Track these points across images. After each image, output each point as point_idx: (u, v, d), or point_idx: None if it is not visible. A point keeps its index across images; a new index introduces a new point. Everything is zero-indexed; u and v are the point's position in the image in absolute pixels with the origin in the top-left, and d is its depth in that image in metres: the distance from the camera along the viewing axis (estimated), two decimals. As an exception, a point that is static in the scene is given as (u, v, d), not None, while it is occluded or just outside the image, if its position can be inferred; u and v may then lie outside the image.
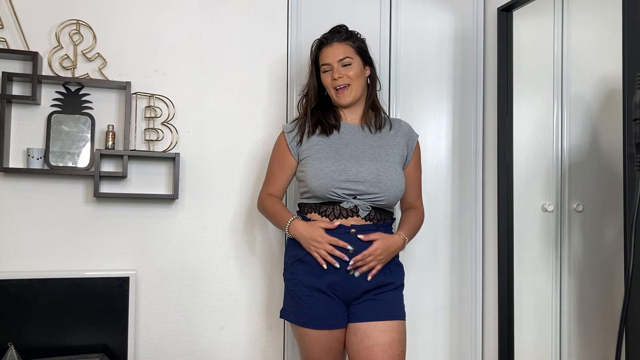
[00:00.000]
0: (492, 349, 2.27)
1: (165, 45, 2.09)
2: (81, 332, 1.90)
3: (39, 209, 1.95)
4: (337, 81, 1.68)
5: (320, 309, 1.60)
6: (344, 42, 1.70)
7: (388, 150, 1.71)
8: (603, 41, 2.02)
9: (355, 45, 1.72)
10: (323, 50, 1.72)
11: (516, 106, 2.22)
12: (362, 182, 1.63)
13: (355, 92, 1.70)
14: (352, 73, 1.69)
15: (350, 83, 1.69)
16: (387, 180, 1.64)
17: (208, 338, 2.11)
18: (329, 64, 1.70)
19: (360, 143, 1.71)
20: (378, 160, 1.67)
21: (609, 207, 2.00)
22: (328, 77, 1.71)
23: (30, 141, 1.94)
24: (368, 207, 1.64)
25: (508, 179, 2.21)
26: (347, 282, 1.60)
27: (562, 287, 2.10)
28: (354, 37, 1.74)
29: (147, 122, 2.06)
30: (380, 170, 1.65)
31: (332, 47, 1.70)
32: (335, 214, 1.64)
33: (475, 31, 2.36)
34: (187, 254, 2.09)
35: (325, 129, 1.72)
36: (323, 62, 1.71)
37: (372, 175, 1.63)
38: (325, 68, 1.71)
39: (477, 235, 2.33)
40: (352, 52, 1.70)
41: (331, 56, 1.69)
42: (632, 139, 1.27)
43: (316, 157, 1.68)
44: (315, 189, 1.64)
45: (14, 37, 1.93)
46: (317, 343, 1.62)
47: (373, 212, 1.65)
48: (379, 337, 1.57)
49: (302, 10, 2.19)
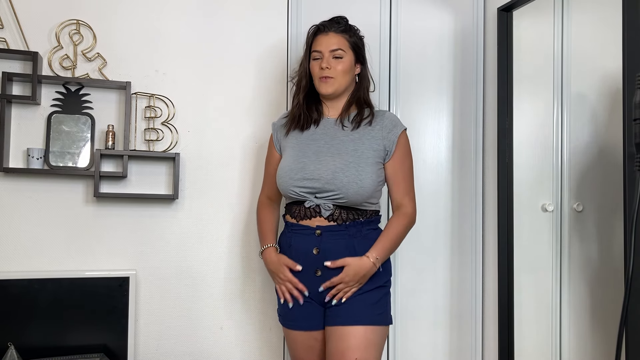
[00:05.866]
0: (492, 349, 2.27)
1: (165, 45, 2.09)
2: (81, 332, 1.90)
3: (39, 209, 1.95)
4: (324, 71, 1.64)
5: (294, 311, 1.64)
6: (341, 34, 1.67)
7: (358, 145, 1.63)
8: (603, 41, 2.02)
9: (351, 39, 1.68)
10: (318, 37, 1.68)
11: (516, 106, 2.22)
12: (318, 179, 1.59)
13: (338, 85, 1.66)
14: (341, 68, 1.65)
15: (335, 77, 1.65)
16: (343, 177, 1.57)
17: (208, 338, 2.11)
18: (320, 51, 1.66)
19: (330, 138, 1.66)
20: (342, 155, 1.61)
21: (608, 207, 1.99)
22: (317, 65, 1.67)
23: (30, 141, 1.94)
24: (330, 207, 1.59)
25: (508, 179, 2.21)
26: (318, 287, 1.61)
27: (562, 287, 2.10)
28: (352, 31, 1.70)
29: (147, 122, 2.06)
30: (338, 167, 1.58)
31: (328, 36, 1.66)
32: (300, 214, 1.63)
33: (475, 31, 2.36)
34: (187, 254, 2.09)
35: (301, 124, 1.69)
36: (315, 48, 1.67)
37: (328, 172, 1.58)
38: (316, 55, 1.67)
39: (477, 235, 2.33)
40: (347, 45, 1.67)
41: (324, 44, 1.65)
42: (632, 139, 1.27)
43: (285, 154, 1.70)
44: (279, 188, 1.68)
45: (14, 37, 1.93)
46: (297, 342, 1.69)
47: (337, 212, 1.60)
48: (337, 343, 1.55)
49: (302, 10, 2.19)
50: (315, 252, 1.60)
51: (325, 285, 1.58)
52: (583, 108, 2.10)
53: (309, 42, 1.71)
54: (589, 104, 2.08)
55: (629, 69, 1.57)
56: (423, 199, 2.29)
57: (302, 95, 1.71)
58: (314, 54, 1.68)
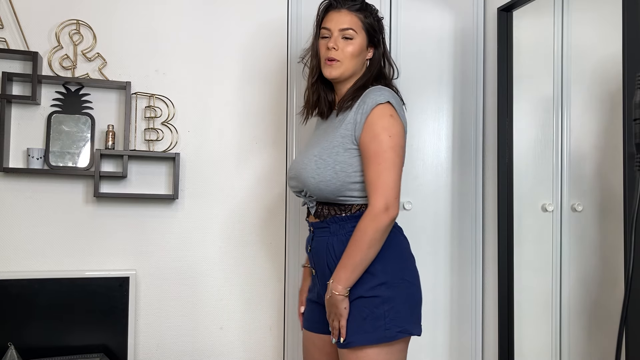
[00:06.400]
0: (492, 349, 2.27)
1: (165, 45, 2.09)
2: (81, 332, 1.90)
3: (39, 209, 1.95)
4: (330, 52, 1.47)
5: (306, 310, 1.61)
6: (355, 13, 1.48)
7: (330, 134, 1.47)
8: (603, 41, 2.02)
9: (366, 20, 1.49)
10: (329, 13, 1.51)
11: (516, 106, 2.22)
12: (294, 177, 1.51)
13: (344, 69, 1.48)
14: (350, 50, 1.46)
15: (342, 60, 1.46)
16: (304, 173, 1.44)
17: (208, 338, 2.11)
18: (329, 29, 1.49)
19: (323, 130, 1.55)
20: (313, 149, 1.49)
21: (609, 207, 1.99)
22: (323, 45, 1.50)
23: (30, 141, 1.94)
24: (312, 203, 1.49)
25: (508, 178, 2.21)
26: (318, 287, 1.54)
27: (562, 287, 2.10)
28: (369, 11, 1.51)
29: (147, 122, 2.06)
30: (303, 163, 1.47)
31: (340, 14, 1.48)
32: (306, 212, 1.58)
33: (475, 31, 2.36)
34: (187, 254, 2.09)
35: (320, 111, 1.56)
36: (324, 25, 1.50)
37: (298, 169, 1.48)
38: (325, 33, 1.50)
39: (477, 235, 2.33)
40: (359, 25, 1.48)
41: (334, 22, 1.48)
42: (632, 139, 1.27)
43: None
44: None
45: (14, 37, 1.93)
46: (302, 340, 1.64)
47: (320, 208, 1.47)
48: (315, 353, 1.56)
49: (302, 10, 2.19)
50: (309, 250, 1.54)
51: None
52: (583, 108, 2.10)
53: (320, 19, 1.53)
54: (588, 104, 2.08)
55: (629, 69, 1.57)
56: (423, 199, 2.29)
57: (315, 78, 1.55)
58: (322, 32, 1.51)
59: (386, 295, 1.36)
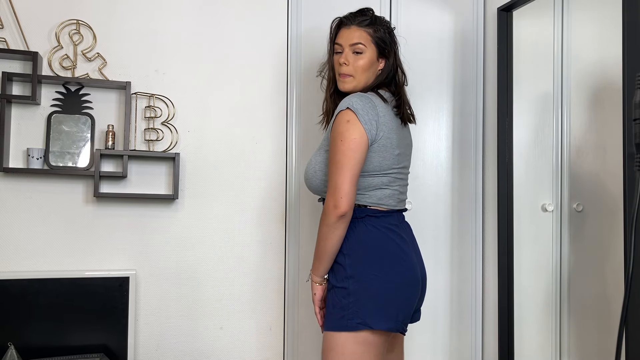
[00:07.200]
0: (492, 349, 2.27)
1: (165, 45, 2.09)
2: (81, 332, 1.90)
3: (39, 209, 1.95)
4: (342, 67, 1.58)
5: None
6: (364, 28, 1.58)
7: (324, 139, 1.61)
8: (603, 41, 2.02)
9: (375, 35, 1.58)
10: (341, 30, 1.61)
11: (516, 106, 2.22)
12: None
13: (357, 83, 1.59)
14: (361, 64, 1.57)
15: (354, 75, 1.57)
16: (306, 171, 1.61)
17: (208, 338, 2.11)
18: (341, 44, 1.60)
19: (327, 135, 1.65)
20: None
21: (609, 207, 1.99)
22: (337, 60, 1.61)
23: (30, 141, 1.94)
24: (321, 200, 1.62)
25: (508, 178, 2.21)
26: None
27: (562, 287, 2.10)
28: (379, 25, 1.60)
29: (147, 122, 2.06)
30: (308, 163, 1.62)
31: (349, 30, 1.58)
32: None
33: (475, 31, 2.36)
34: (187, 254, 2.09)
35: None
36: (337, 41, 1.62)
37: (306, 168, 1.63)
38: (337, 49, 1.61)
39: (477, 235, 2.33)
40: (369, 40, 1.57)
41: (345, 38, 1.59)
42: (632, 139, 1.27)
43: None
44: None
45: (14, 37, 1.93)
46: None
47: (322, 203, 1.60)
48: None
49: (302, 9, 2.19)
50: None
51: None
52: (583, 108, 2.10)
53: (333, 35, 1.65)
54: (588, 104, 2.08)
55: (629, 69, 1.57)
56: (423, 199, 2.29)
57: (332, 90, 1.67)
58: (335, 47, 1.62)
59: (352, 288, 1.45)
